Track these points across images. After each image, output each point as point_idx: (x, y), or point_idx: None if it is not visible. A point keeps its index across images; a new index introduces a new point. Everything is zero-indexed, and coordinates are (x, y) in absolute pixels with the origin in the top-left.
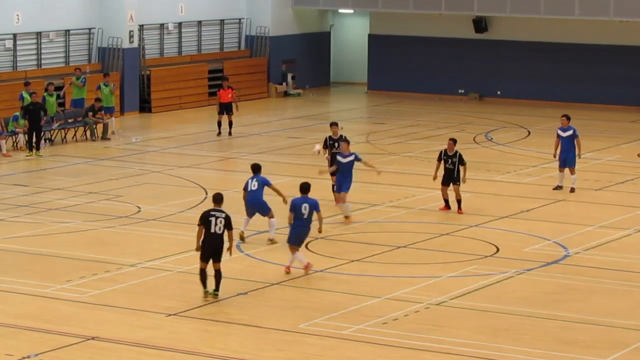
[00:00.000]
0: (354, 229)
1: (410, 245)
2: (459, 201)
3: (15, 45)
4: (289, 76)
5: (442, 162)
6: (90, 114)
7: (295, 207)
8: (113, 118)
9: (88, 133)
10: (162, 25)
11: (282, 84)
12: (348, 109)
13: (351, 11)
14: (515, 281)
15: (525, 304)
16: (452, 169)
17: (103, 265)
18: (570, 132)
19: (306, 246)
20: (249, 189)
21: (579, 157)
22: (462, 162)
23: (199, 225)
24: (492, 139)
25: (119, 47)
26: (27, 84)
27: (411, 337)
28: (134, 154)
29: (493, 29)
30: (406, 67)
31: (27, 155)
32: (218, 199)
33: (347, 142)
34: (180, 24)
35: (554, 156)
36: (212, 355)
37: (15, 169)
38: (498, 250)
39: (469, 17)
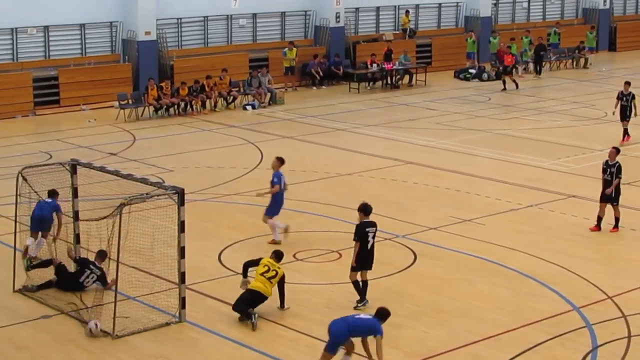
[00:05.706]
0: None
1: None
2: (616, 219)
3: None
4: None
5: (602, 171)
6: (576, 52)
7: None
8: (592, 55)
9: (575, 63)
10: None
11: None
12: None
13: None
14: None
15: None
16: (609, 180)
17: (579, 149)
18: None
19: None
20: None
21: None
22: (619, 173)
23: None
24: None
25: (597, 8)
26: (528, 31)
27: None
28: (602, 78)
29: None
30: None
31: (533, 77)
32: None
33: None
34: None
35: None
36: None
37: (526, 85)
38: None
39: None
